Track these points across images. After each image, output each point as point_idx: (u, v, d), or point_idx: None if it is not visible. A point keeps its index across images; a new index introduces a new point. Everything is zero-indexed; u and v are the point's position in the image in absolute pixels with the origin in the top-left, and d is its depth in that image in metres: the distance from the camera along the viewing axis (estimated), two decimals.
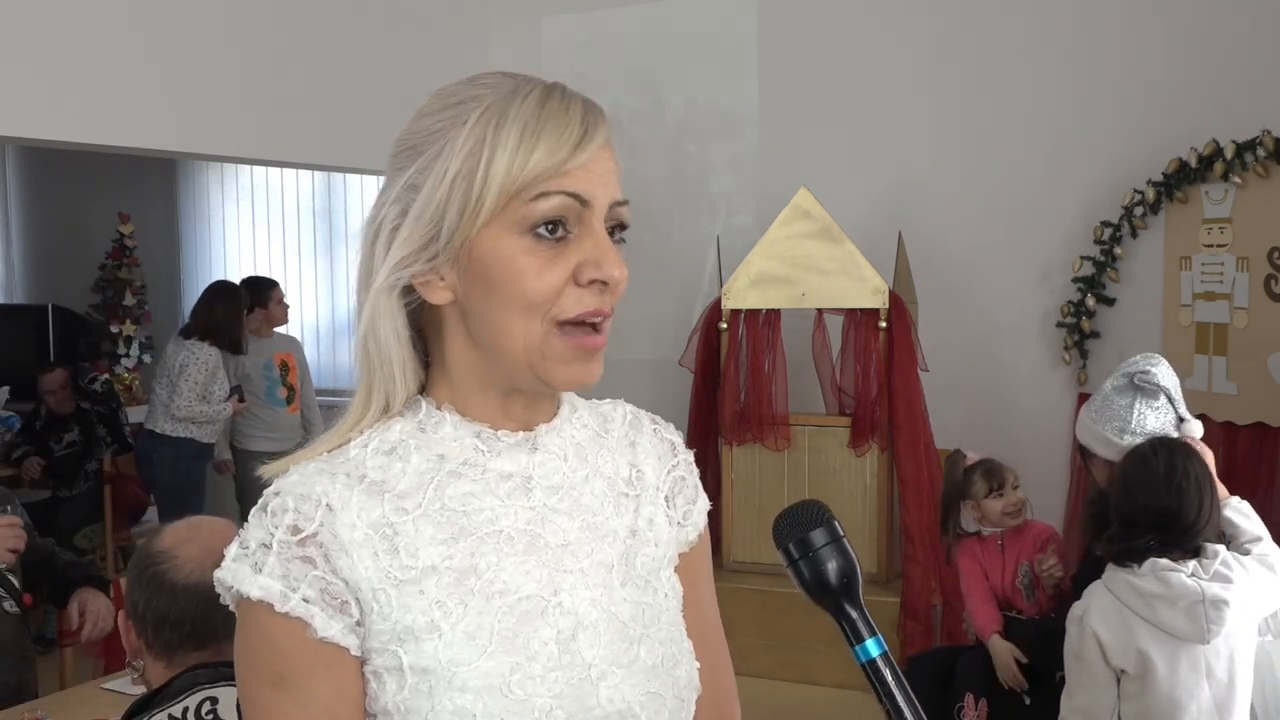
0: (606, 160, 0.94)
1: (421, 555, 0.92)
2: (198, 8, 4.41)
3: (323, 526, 0.90)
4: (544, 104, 0.92)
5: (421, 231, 0.93)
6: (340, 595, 0.90)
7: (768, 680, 4.39)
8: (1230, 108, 4.30)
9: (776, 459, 4.69)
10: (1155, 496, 2.39)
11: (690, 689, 1.01)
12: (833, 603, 0.92)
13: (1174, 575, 2.29)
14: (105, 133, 4.18)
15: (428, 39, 5.45)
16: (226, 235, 7.94)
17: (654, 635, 0.98)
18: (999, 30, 4.85)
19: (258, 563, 0.90)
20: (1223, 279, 4.32)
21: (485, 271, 0.92)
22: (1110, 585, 2.40)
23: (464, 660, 0.90)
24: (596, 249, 0.92)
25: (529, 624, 0.93)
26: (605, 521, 1.00)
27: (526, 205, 0.91)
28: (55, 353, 7.61)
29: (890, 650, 0.93)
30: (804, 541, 0.93)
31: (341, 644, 0.90)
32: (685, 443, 1.13)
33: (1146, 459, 2.47)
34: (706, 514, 1.10)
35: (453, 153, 0.91)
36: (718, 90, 5.50)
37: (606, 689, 0.94)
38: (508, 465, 0.97)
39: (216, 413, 4.94)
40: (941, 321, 4.86)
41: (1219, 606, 2.25)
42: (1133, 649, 2.32)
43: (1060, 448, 4.60)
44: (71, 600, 2.74)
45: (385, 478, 0.94)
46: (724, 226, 5.50)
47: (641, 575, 1.00)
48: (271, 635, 0.90)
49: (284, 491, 0.92)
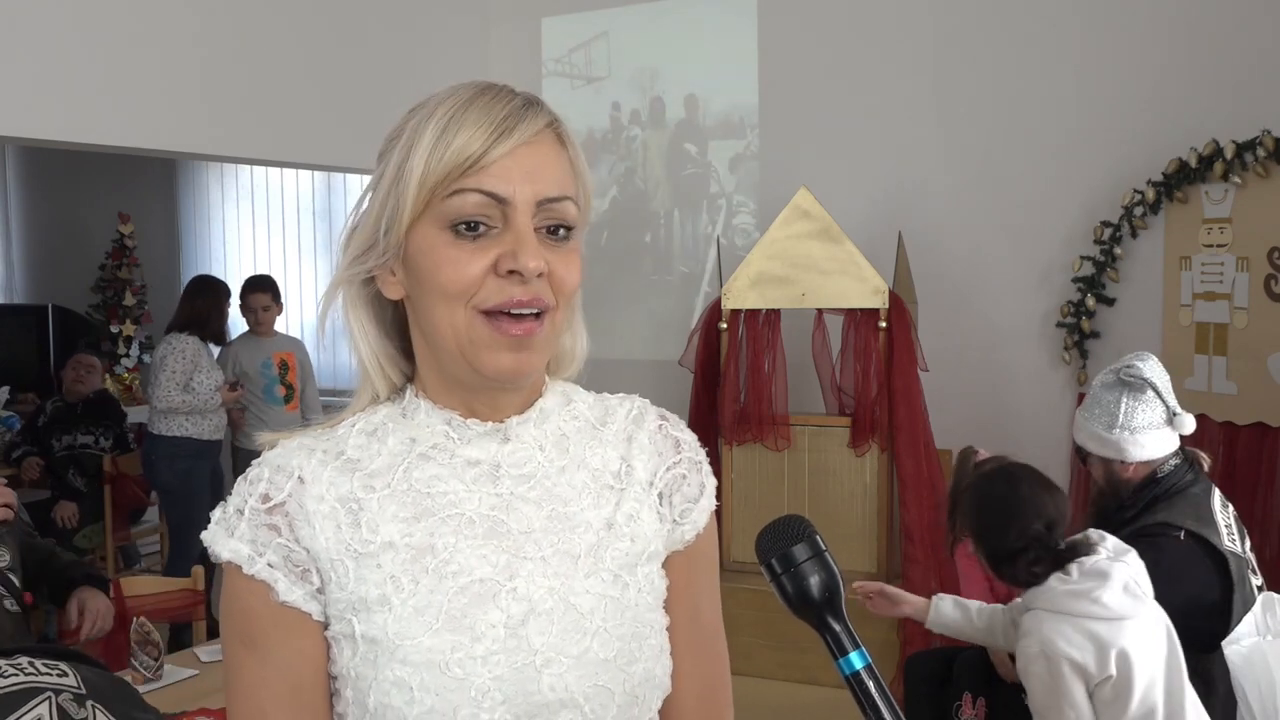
0: (537, 156, 0.94)
1: (382, 531, 0.96)
2: (198, 8, 4.42)
3: (290, 497, 0.96)
4: (471, 102, 0.94)
5: (368, 230, 0.99)
6: (302, 563, 0.95)
7: (768, 680, 4.39)
8: (1230, 108, 4.30)
9: (776, 459, 4.69)
10: (1018, 518, 2.42)
11: (649, 686, 1.01)
12: (816, 617, 0.93)
13: (1105, 563, 2.33)
14: (105, 133, 4.19)
15: (428, 39, 5.45)
16: (226, 235, 7.94)
17: (613, 629, 0.99)
18: (999, 31, 4.86)
19: (231, 526, 0.96)
20: (1223, 279, 4.32)
21: (416, 266, 0.96)
22: (1049, 605, 2.35)
23: (409, 634, 0.93)
24: (515, 241, 0.93)
25: (479, 605, 0.95)
26: (579, 513, 1.01)
27: (444, 202, 0.93)
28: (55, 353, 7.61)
29: (890, 650, 0.93)
30: (786, 556, 0.93)
31: (303, 609, 0.95)
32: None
33: (988, 496, 2.52)
34: (710, 515, 1.09)
35: (393, 156, 0.97)
36: (718, 90, 5.50)
37: (550, 676, 0.95)
38: (476, 452, 1.00)
39: (203, 403, 4.87)
40: (941, 321, 4.86)
41: (1138, 579, 2.35)
42: (1111, 651, 2.28)
43: (1060, 448, 4.60)
44: (70, 599, 2.74)
45: (361, 456, 0.99)
46: (724, 226, 5.50)
47: (610, 569, 1.01)
48: (240, 595, 0.95)
49: (264, 462, 0.99)
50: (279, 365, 5.27)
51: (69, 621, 2.74)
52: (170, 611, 3.28)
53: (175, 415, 4.90)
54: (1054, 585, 2.37)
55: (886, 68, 5.08)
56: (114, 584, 2.95)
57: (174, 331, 4.97)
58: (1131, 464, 2.87)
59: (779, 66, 5.32)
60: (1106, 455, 2.88)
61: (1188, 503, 2.81)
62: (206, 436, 4.98)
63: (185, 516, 5.04)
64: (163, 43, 4.28)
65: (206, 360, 4.96)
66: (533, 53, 5.83)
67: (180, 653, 2.92)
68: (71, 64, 3.98)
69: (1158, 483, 2.87)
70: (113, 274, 7.95)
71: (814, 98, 5.23)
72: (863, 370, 4.60)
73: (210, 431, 5.00)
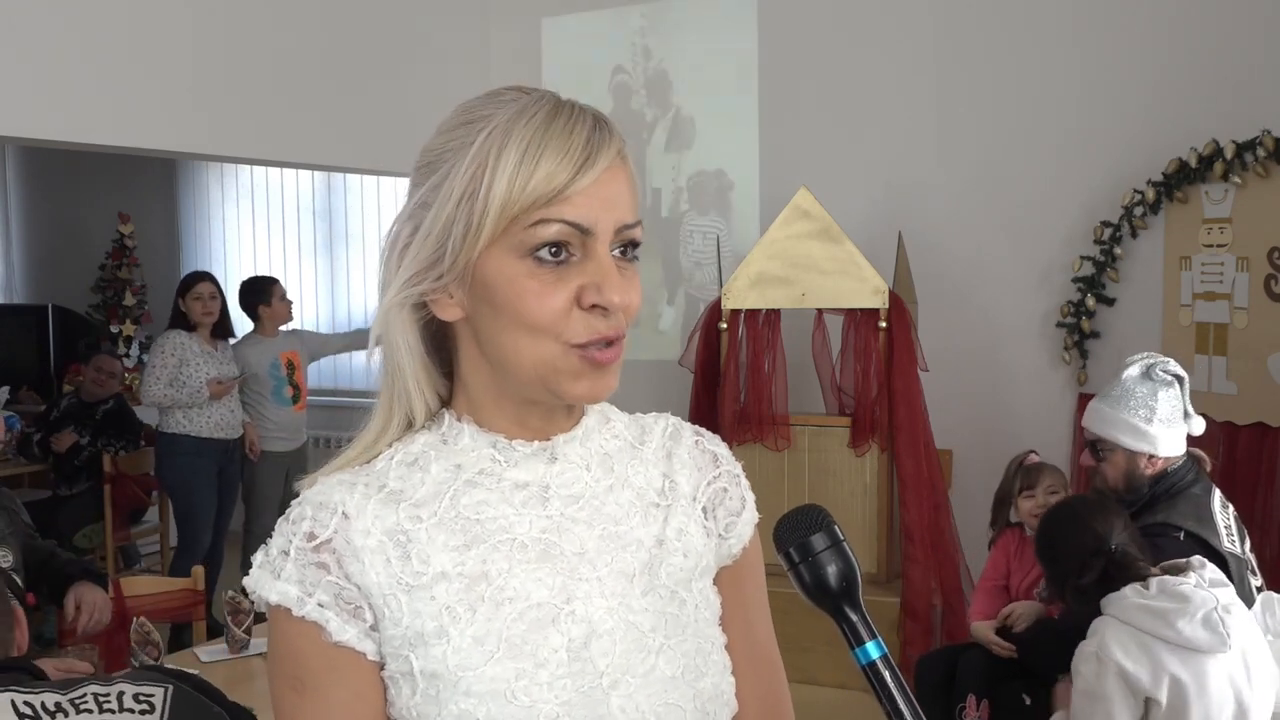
0: (614, 182, 0.93)
1: (433, 562, 0.93)
2: (198, 8, 4.41)
3: (336, 533, 0.92)
4: (549, 125, 0.91)
5: (429, 251, 0.94)
6: (354, 600, 0.92)
7: None
8: (1230, 108, 4.30)
9: (776, 459, 4.69)
10: (1085, 533, 2.50)
11: (718, 703, 0.99)
12: (833, 606, 0.93)
13: (1187, 588, 2.28)
14: (105, 133, 4.18)
15: (428, 39, 5.45)
16: (226, 235, 7.94)
17: (676, 646, 0.98)
18: (999, 31, 4.85)
19: (277, 569, 0.93)
20: (1223, 279, 4.32)
21: (489, 293, 0.92)
22: (1120, 614, 2.34)
23: (470, 665, 0.91)
24: (599, 273, 0.92)
25: (539, 631, 0.93)
26: (629, 531, 1.00)
27: (525, 231, 0.90)
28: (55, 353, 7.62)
29: (890, 651, 0.93)
30: (805, 545, 0.93)
31: (357, 648, 0.92)
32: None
33: (1060, 519, 2.63)
34: (754, 527, 1.09)
35: (459, 173, 0.92)
36: (718, 90, 5.50)
37: (618, 698, 0.93)
38: (524, 475, 0.98)
39: (188, 397, 4.85)
40: (941, 321, 4.86)
41: (1230, 610, 2.28)
42: (1165, 675, 2.26)
43: (1060, 448, 4.60)
44: (68, 594, 2.74)
45: (404, 487, 0.96)
46: (724, 226, 5.50)
47: (666, 585, 0.99)
48: (290, 639, 0.92)
49: (305, 500, 0.95)
50: (286, 365, 5.26)
51: (66, 615, 2.74)
52: (170, 611, 3.28)
53: (172, 412, 4.91)
54: (1129, 596, 2.34)
55: (886, 68, 5.08)
56: (114, 584, 2.96)
57: (166, 329, 5.02)
58: (1160, 459, 2.87)
59: (779, 66, 5.32)
60: (1139, 448, 2.86)
61: (1188, 503, 2.82)
62: (206, 434, 4.94)
63: (183, 514, 5.04)
64: (163, 43, 4.27)
65: (198, 355, 4.92)
66: (533, 53, 5.83)
67: (180, 653, 2.92)
68: (71, 64, 3.97)
69: (1163, 480, 2.87)
70: (113, 274, 7.95)
71: (814, 98, 5.23)
72: (863, 370, 4.60)
73: (211, 429, 4.95)
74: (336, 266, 7.50)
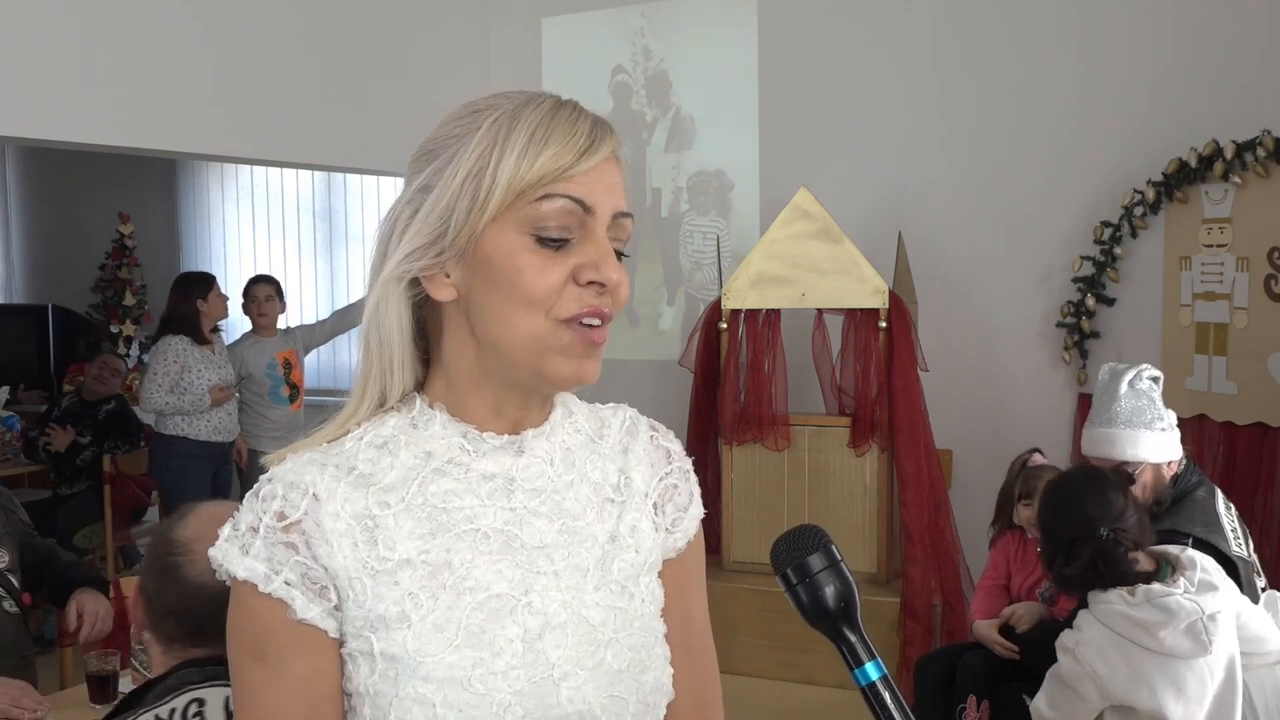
0: (612, 173, 0.98)
1: (399, 548, 0.95)
2: (198, 8, 4.42)
3: (307, 515, 0.95)
4: (555, 114, 0.96)
5: (431, 227, 0.96)
6: (320, 580, 0.94)
7: (768, 680, 4.39)
8: (1230, 108, 4.30)
9: (776, 459, 4.69)
10: (1077, 515, 2.43)
11: (658, 693, 1.03)
12: (831, 627, 0.93)
13: (1172, 600, 2.27)
14: (105, 133, 4.18)
15: (428, 39, 5.45)
16: (226, 235, 7.94)
17: (624, 640, 1.00)
18: (1000, 31, 4.85)
19: (245, 544, 0.94)
20: (1223, 279, 4.32)
21: (488, 267, 0.95)
22: (1103, 618, 2.33)
23: (430, 651, 0.93)
24: (596, 252, 0.95)
25: (497, 621, 0.96)
26: (586, 526, 1.02)
27: (531, 205, 0.94)
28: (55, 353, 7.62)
29: (890, 651, 0.93)
30: (802, 566, 0.94)
31: (320, 626, 0.94)
32: (685, 444, 1.15)
33: (1059, 496, 2.55)
34: (699, 522, 1.11)
35: (465, 155, 0.96)
36: (718, 90, 5.50)
37: (568, 689, 0.96)
38: (491, 466, 1.00)
39: (190, 404, 4.82)
40: (941, 321, 4.86)
41: (1215, 618, 2.27)
42: (1141, 684, 2.26)
43: (1061, 448, 4.60)
44: (70, 601, 2.73)
45: (374, 470, 0.98)
46: (724, 226, 5.50)
47: (618, 580, 1.02)
48: (256, 613, 0.94)
49: (276, 479, 0.97)
50: (283, 364, 5.26)
51: (68, 624, 2.74)
52: None
53: (170, 416, 4.90)
54: (1115, 603, 2.33)
55: (886, 68, 5.08)
56: (114, 584, 2.95)
57: (163, 334, 4.96)
58: (1176, 461, 2.87)
59: (779, 66, 5.32)
60: (1167, 459, 2.85)
61: (1195, 508, 2.81)
62: (204, 437, 4.93)
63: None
64: (163, 43, 4.27)
65: (198, 361, 4.89)
66: (533, 53, 5.83)
67: None
68: (71, 64, 3.97)
69: (1175, 484, 2.87)
70: (113, 274, 7.95)
71: (814, 98, 5.23)
72: (863, 370, 4.60)
73: (209, 432, 4.94)
74: (336, 266, 7.50)
